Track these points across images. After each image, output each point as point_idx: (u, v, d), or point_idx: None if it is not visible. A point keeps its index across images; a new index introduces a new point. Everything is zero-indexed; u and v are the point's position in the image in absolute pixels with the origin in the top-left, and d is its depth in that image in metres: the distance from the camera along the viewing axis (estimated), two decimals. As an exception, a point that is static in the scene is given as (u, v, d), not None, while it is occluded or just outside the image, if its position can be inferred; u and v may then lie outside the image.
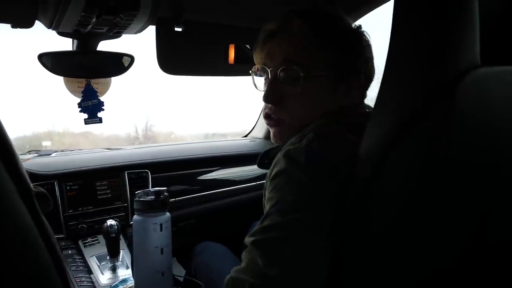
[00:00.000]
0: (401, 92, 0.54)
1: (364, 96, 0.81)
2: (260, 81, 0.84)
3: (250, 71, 0.83)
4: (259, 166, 0.89)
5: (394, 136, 0.52)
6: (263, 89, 0.81)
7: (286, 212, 0.60)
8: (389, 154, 0.53)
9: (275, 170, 0.66)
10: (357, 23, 0.81)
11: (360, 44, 0.77)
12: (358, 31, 0.79)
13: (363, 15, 1.25)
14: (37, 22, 0.99)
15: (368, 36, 0.79)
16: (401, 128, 0.52)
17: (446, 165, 0.48)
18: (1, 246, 0.34)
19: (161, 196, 0.81)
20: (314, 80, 0.73)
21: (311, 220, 0.60)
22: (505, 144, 0.51)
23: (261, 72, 0.81)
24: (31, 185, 0.42)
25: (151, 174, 1.46)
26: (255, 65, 0.82)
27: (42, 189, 0.43)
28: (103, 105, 1.25)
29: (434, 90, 0.49)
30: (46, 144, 2.19)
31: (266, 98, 0.76)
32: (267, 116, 0.79)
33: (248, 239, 0.64)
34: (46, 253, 0.42)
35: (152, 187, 1.45)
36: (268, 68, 0.77)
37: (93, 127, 1.24)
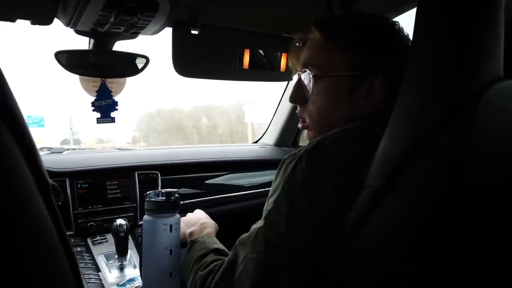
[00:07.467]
0: (419, 104, 0.53)
1: (390, 96, 0.72)
2: None
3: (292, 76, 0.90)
4: None
5: (410, 150, 0.51)
6: None
7: (256, 233, 0.71)
8: (403, 168, 0.51)
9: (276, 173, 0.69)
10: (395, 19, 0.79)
11: (384, 44, 0.74)
12: (386, 29, 0.76)
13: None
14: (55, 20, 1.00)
15: (403, 33, 0.76)
16: (417, 141, 0.50)
17: (462, 180, 0.47)
18: (18, 239, 0.35)
19: (172, 197, 0.82)
20: (327, 80, 0.74)
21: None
22: None
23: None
24: (49, 180, 0.43)
25: (160, 176, 1.47)
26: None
27: (52, 182, 0.44)
28: (117, 105, 1.26)
29: (454, 103, 0.48)
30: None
31: (290, 98, 0.82)
32: (300, 116, 0.83)
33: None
34: (61, 247, 0.42)
35: (161, 189, 1.45)
36: (295, 73, 0.84)
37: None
